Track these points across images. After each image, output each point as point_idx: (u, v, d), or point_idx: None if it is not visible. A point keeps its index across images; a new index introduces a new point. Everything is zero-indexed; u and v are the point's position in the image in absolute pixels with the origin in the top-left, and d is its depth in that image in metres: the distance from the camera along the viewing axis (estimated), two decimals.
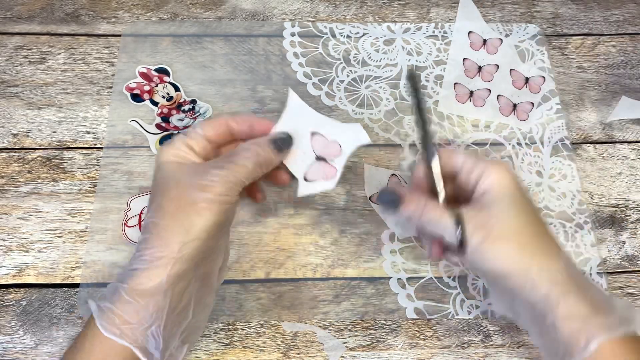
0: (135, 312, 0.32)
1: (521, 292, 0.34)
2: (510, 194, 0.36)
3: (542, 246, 0.35)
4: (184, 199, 0.33)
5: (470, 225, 0.34)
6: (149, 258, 0.32)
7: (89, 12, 0.54)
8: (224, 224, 0.35)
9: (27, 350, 0.41)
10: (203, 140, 0.37)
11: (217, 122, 0.37)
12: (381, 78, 0.53)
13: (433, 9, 0.58)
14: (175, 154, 0.36)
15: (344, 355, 0.42)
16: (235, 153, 0.35)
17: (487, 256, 0.34)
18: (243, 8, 0.56)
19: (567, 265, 0.35)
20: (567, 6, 0.59)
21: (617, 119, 0.53)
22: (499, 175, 0.36)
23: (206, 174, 0.34)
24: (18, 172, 0.47)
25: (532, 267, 0.34)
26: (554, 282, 0.33)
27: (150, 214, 0.34)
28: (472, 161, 0.37)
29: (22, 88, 0.50)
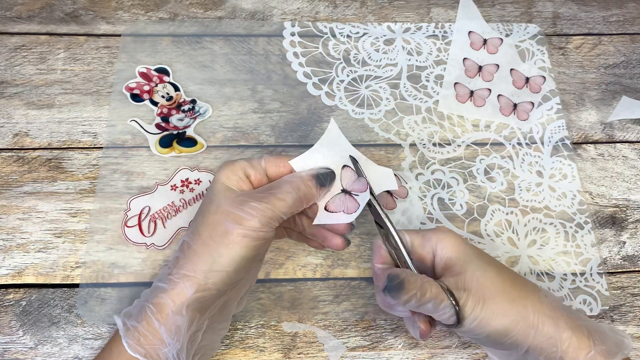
0: (157, 331, 0.32)
1: (526, 341, 0.34)
2: (471, 254, 0.36)
3: (523, 290, 0.35)
4: (218, 228, 0.33)
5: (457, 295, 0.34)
6: (174, 278, 0.33)
7: (88, 12, 0.54)
8: (254, 259, 0.35)
9: (26, 351, 0.41)
10: (263, 172, 0.37)
11: (282, 160, 0.37)
12: (381, 78, 0.53)
13: (433, 8, 0.58)
14: (229, 176, 0.36)
15: (344, 355, 0.42)
16: (277, 186, 0.35)
17: (484, 319, 0.34)
18: (243, 8, 0.56)
19: (548, 299, 0.35)
20: (568, 6, 0.59)
21: (618, 118, 0.53)
22: (451, 241, 0.36)
23: (244, 205, 0.33)
24: (18, 172, 0.47)
25: (528, 314, 0.34)
26: (551, 321, 0.34)
27: (189, 232, 0.35)
28: (420, 236, 0.37)
29: (21, 88, 0.50)
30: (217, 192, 0.35)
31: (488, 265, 0.35)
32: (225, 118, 0.50)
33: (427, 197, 0.48)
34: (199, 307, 0.33)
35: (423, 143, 0.50)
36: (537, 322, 0.34)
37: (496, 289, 0.34)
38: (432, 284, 0.34)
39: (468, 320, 0.34)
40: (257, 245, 0.34)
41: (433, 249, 0.36)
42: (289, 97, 0.52)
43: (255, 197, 0.34)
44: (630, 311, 0.45)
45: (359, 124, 0.51)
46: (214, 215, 0.34)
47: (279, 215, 0.34)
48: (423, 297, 0.33)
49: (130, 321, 0.33)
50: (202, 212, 0.35)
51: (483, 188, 0.49)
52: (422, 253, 0.37)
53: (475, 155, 0.50)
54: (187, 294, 0.33)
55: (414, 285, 0.33)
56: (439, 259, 0.36)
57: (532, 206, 0.48)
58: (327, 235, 0.38)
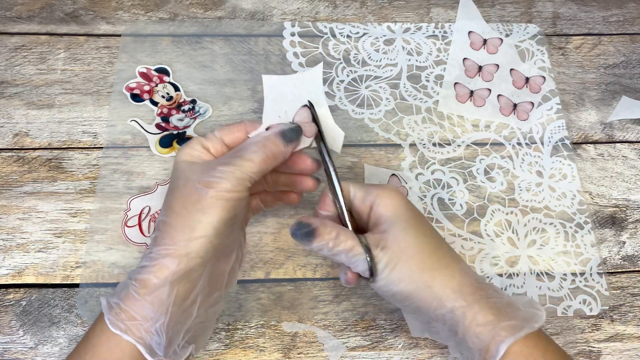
0: (141, 307, 0.32)
1: (428, 310, 0.34)
2: (403, 215, 0.36)
3: (440, 261, 0.35)
4: (190, 197, 0.33)
5: (374, 252, 0.35)
6: (155, 255, 0.33)
7: (88, 12, 0.54)
8: (233, 221, 0.35)
9: (26, 351, 0.41)
10: (219, 142, 0.37)
11: (235, 126, 0.38)
12: (381, 78, 0.53)
13: (433, 8, 0.58)
14: (189, 153, 0.36)
15: (344, 355, 0.42)
16: (243, 147, 0.35)
17: (392, 280, 0.34)
18: (243, 8, 0.56)
19: (466, 275, 0.35)
20: (568, 6, 0.59)
21: (618, 119, 0.53)
22: (390, 199, 0.36)
23: (212, 170, 0.34)
24: (18, 172, 0.47)
25: (435, 284, 0.34)
26: (457, 295, 0.34)
27: (162, 212, 0.35)
28: (363, 190, 0.37)
29: (22, 88, 0.50)
30: (182, 169, 0.35)
31: (413, 230, 0.35)
32: (225, 118, 0.50)
33: (427, 197, 0.48)
34: (186, 279, 0.33)
35: (423, 143, 0.51)
36: (441, 295, 0.34)
37: (411, 254, 0.34)
38: (348, 236, 0.35)
39: (378, 277, 0.35)
40: (233, 206, 0.34)
41: (371, 203, 0.37)
42: None
43: (222, 161, 0.34)
44: (630, 311, 0.45)
45: (359, 124, 0.51)
46: (184, 188, 0.34)
47: (248, 175, 0.34)
48: (335, 248, 0.34)
49: (113, 298, 0.33)
50: (171, 190, 0.35)
51: (483, 188, 0.49)
52: (361, 206, 0.37)
53: (475, 155, 0.50)
54: (170, 268, 0.32)
55: (325, 236, 0.34)
56: (372, 214, 0.37)
57: (532, 206, 0.48)
58: (296, 180, 0.39)
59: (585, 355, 0.43)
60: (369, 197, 0.37)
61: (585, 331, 0.44)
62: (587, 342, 0.44)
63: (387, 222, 0.36)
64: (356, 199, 0.37)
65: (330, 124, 0.40)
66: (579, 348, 0.43)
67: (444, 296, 0.34)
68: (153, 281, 0.32)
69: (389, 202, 0.36)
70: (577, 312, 0.44)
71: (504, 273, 0.46)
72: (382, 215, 0.36)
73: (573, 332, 0.44)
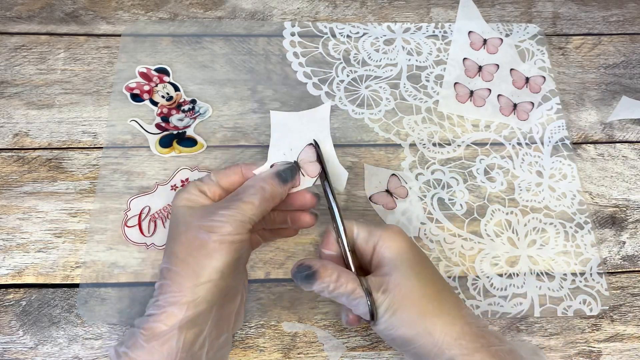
0: (149, 356, 0.32)
1: (428, 356, 0.34)
2: (406, 258, 0.36)
3: (442, 307, 0.35)
4: (193, 243, 0.34)
5: (375, 295, 0.34)
6: (162, 303, 0.33)
7: (88, 12, 0.54)
8: (237, 264, 0.35)
9: (26, 351, 0.41)
10: (216, 185, 0.37)
11: (231, 169, 0.38)
12: (381, 78, 0.53)
13: (433, 8, 0.58)
14: (187, 198, 0.36)
15: (344, 355, 0.42)
16: (241, 191, 0.36)
17: (392, 324, 0.34)
18: (243, 8, 0.56)
19: (468, 322, 0.35)
20: (568, 6, 0.59)
21: (618, 119, 0.53)
22: (393, 241, 0.36)
23: (213, 215, 0.34)
24: (18, 172, 0.47)
25: (435, 331, 0.34)
26: (457, 343, 0.33)
27: (165, 259, 0.35)
28: (366, 230, 0.37)
29: (21, 88, 0.50)
30: (181, 215, 0.36)
31: (415, 275, 0.35)
32: (225, 118, 0.50)
33: (427, 197, 0.48)
34: (194, 325, 0.33)
35: (423, 143, 0.51)
36: (441, 342, 0.33)
37: (412, 300, 0.34)
38: (350, 279, 0.34)
39: (379, 321, 0.34)
40: (236, 249, 0.34)
41: (374, 244, 0.37)
42: (289, 97, 0.52)
43: (222, 206, 0.35)
44: (630, 311, 0.45)
45: (359, 124, 0.51)
46: (186, 234, 0.34)
47: (249, 217, 0.34)
48: (335, 291, 0.34)
49: (121, 348, 0.33)
50: (173, 237, 0.36)
51: (483, 188, 0.49)
52: (364, 247, 0.37)
53: (475, 155, 0.50)
54: (177, 315, 0.33)
55: (326, 279, 0.34)
56: (375, 255, 0.37)
57: (532, 206, 0.48)
58: (295, 216, 0.39)
59: (585, 355, 0.43)
60: (373, 238, 0.37)
61: (585, 331, 0.44)
62: (587, 342, 0.44)
63: (390, 264, 0.35)
64: (359, 239, 0.37)
65: (335, 163, 0.40)
66: (579, 348, 0.43)
67: (444, 344, 0.33)
68: (161, 329, 0.32)
69: (392, 245, 0.36)
70: (577, 312, 0.44)
71: (504, 273, 0.46)
72: (385, 257, 0.36)
73: (573, 332, 0.44)
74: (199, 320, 0.33)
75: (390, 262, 0.36)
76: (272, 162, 0.39)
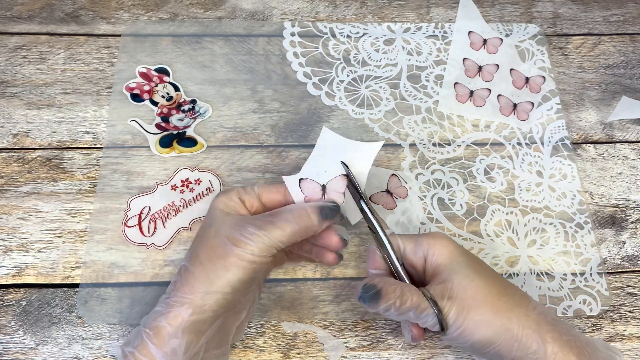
0: (153, 355, 0.33)
1: (509, 353, 0.33)
2: (461, 261, 0.35)
3: (512, 301, 0.34)
4: (217, 250, 0.34)
5: (441, 304, 0.34)
6: (172, 302, 0.34)
7: (88, 12, 0.54)
8: (251, 282, 0.35)
9: (26, 351, 0.41)
10: (256, 198, 0.37)
11: (275, 187, 0.38)
12: (381, 78, 0.53)
13: (433, 8, 0.58)
14: (226, 203, 0.36)
15: (344, 355, 0.42)
16: (278, 213, 0.35)
17: (467, 329, 0.33)
18: (243, 8, 0.56)
19: (540, 312, 0.35)
20: (567, 6, 0.59)
21: (618, 119, 0.53)
22: (443, 247, 0.36)
23: (243, 230, 0.34)
24: (18, 172, 0.47)
25: (512, 326, 0.33)
26: (537, 335, 0.33)
27: (186, 257, 0.36)
28: (412, 241, 0.37)
29: (22, 88, 0.50)
30: (216, 217, 0.36)
31: (476, 274, 0.35)
32: (225, 118, 0.50)
33: (427, 197, 0.48)
34: (195, 330, 0.33)
35: (423, 143, 0.51)
36: (520, 335, 0.33)
37: (481, 299, 0.34)
38: (413, 292, 0.34)
39: (451, 329, 0.34)
40: (254, 269, 0.34)
41: (425, 254, 0.36)
42: (289, 97, 0.52)
43: (254, 223, 0.34)
44: (630, 311, 0.45)
45: (359, 124, 0.51)
46: (213, 239, 0.35)
47: (276, 243, 0.34)
48: (403, 306, 0.33)
49: (128, 347, 0.34)
50: (201, 237, 0.36)
51: (483, 188, 0.49)
52: (413, 259, 0.37)
53: (475, 155, 0.50)
54: (183, 317, 0.33)
55: (391, 295, 0.33)
56: (429, 265, 0.36)
57: (532, 206, 0.48)
58: (320, 252, 0.39)
59: None
60: (420, 247, 0.36)
61: (586, 331, 0.44)
62: None
63: (447, 270, 0.35)
64: (407, 252, 0.37)
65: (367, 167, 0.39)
66: None
67: (524, 337, 0.33)
68: (167, 329, 0.33)
69: (443, 250, 0.36)
70: (577, 312, 0.44)
71: (504, 273, 0.46)
72: (440, 264, 0.35)
73: None
74: (201, 327, 0.33)
75: (447, 268, 0.35)
76: (303, 176, 0.39)
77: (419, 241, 0.37)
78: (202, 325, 0.33)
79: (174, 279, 0.35)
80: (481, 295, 0.34)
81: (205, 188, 0.47)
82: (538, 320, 0.34)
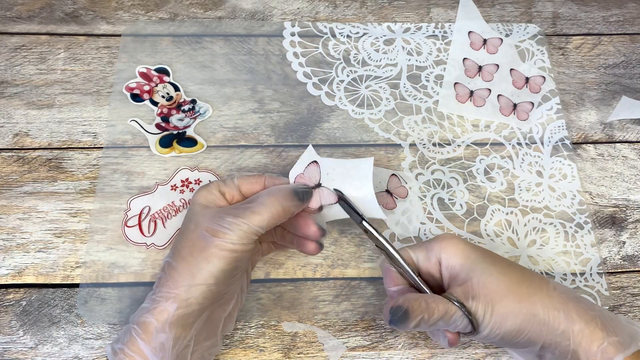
0: (142, 351, 0.33)
1: (539, 338, 0.34)
2: (476, 257, 0.36)
3: (532, 285, 0.35)
4: (197, 244, 0.34)
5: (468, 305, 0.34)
6: (157, 298, 0.34)
7: (88, 12, 0.54)
8: (235, 272, 0.35)
9: (27, 350, 0.41)
10: (236, 189, 0.37)
11: (255, 178, 0.38)
12: (381, 78, 0.53)
13: (433, 8, 0.58)
14: (205, 196, 0.37)
15: (344, 355, 0.42)
16: (254, 199, 0.36)
17: (496, 323, 0.34)
18: (243, 8, 0.56)
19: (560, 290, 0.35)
20: (567, 6, 0.59)
21: (618, 119, 0.53)
22: (455, 247, 0.36)
23: (222, 220, 0.34)
24: (18, 172, 0.47)
25: (537, 310, 0.34)
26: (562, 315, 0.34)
27: (169, 253, 0.36)
28: (423, 249, 0.37)
29: (22, 88, 0.50)
30: (195, 212, 0.36)
31: (492, 267, 0.35)
32: (225, 118, 0.50)
33: (427, 197, 0.48)
34: (182, 324, 0.33)
35: (423, 143, 0.51)
36: (547, 318, 0.33)
37: (503, 291, 0.34)
38: (438, 301, 0.34)
39: (482, 326, 0.34)
40: (236, 258, 0.34)
41: (438, 258, 0.36)
42: (289, 97, 0.52)
43: (231, 212, 0.35)
44: (630, 311, 0.45)
45: (359, 124, 0.51)
46: (193, 233, 0.35)
47: (255, 229, 0.34)
48: (431, 318, 0.33)
49: (117, 344, 0.34)
50: (182, 232, 0.36)
51: (483, 188, 0.49)
52: (428, 266, 0.37)
53: (475, 155, 0.50)
54: (169, 311, 0.33)
55: (418, 311, 0.33)
56: (444, 269, 0.36)
57: (532, 206, 0.48)
58: (301, 241, 0.39)
59: None
60: (433, 253, 0.36)
61: None
62: None
63: (464, 270, 0.35)
64: (421, 261, 0.37)
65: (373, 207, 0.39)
66: None
67: (552, 319, 0.33)
68: (154, 325, 0.33)
69: (455, 250, 0.36)
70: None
71: None
72: (456, 265, 0.36)
73: None
74: (188, 320, 0.34)
75: (464, 267, 0.35)
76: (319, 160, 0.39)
77: (429, 247, 0.37)
78: (188, 319, 0.34)
79: (158, 276, 0.36)
80: (503, 287, 0.34)
81: None
82: (560, 299, 0.34)
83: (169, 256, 0.36)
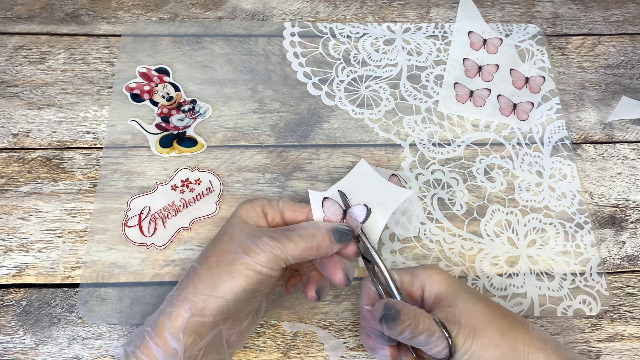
0: (154, 354, 0.33)
1: None
2: (461, 287, 0.36)
3: (515, 322, 0.35)
4: (226, 256, 0.34)
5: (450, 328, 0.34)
6: (175, 301, 0.34)
7: (89, 12, 0.54)
8: (255, 293, 0.35)
9: (27, 350, 0.41)
10: (278, 213, 0.38)
11: (300, 207, 0.38)
12: (381, 78, 0.53)
13: (433, 9, 0.58)
14: (247, 211, 0.37)
15: (344, 355, 0.42)
16: (293, 229, 0.36)
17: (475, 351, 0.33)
18: (243, 8, 0.56)
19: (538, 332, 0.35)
20: (567, 6, 0.59)
21: (617, 119, 0.53)
22: (440, 276, 0.36)
23: (256, 239, 0.34)
24: (18, 172, 0.47)
25: (518, 346, 0.34)
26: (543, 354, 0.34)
27: (198, 258, 0.36)
28: (409, 274, 0.37)
29: (22, 88, 0.50)
30: (234, 224, 0.36)
31: (477, 299, 0.35)
32: (225, 118, 0.50)
33: (427, 197, 0.48)
34: (194, 332, 0.33)
35: (423, 143, 0.51)
36: (527, 354, 0.34)
37: (486, 321, 0.34)
38: (424, 315, 0.34)
39: (459, 353, 0.33)
40: (260, 280, 0.34)
41: (422, 285, 0.37)
42: (289, 97, 0.52)
43: (268, 233, 0.35)
44: (629, 311, 0.45)
45: (359, 124, 0.51)
46: (225, 244, 0.35)
47: (286, 256, 0.34)
48: (417, 328, 0.33)
49: (129, 347, 0.34)
50: (215, 241, 0.36)
51: (483, 188, 0.49)
52: (411, 290, 0.37)
53: (475, 155, 0.50)
54: (184, 317, 0.33)
55: (408, 315, 0.33)
56: (428, 294, 0.37)
57: (532, 206, 0.49)
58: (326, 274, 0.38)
59: (585, 355, 0.43)
60: (417, 279, 0.37)
61: (585, 331, 0.44)
62: (587, 342, 0.44)
63: (449, 296, 0.35)
64: (405, 283, 0.37)
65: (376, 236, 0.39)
66: (579, 348, 0.43)
67: (531, 356, 0.34)
68: (167, 328, 0.33)
69: (441, 279, 0.36)
70: (577, 312, 0.45)
71: (504, 273, 0.46)
72: (441, 292, 0.36)
73: (573, 332, 0.44)
74: (201, 330, 0.34)
75: (449, 294, 0.35)
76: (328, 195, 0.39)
77: (415, 273, 0.37)
78: (200, 329, 0.34)
79: (181, 278, 0.36)
80: (486, 317, 0.34)
81: (205, 188, 0.47)
82: (541, 340, 0.34)
83: (196, 261, 0.36)
